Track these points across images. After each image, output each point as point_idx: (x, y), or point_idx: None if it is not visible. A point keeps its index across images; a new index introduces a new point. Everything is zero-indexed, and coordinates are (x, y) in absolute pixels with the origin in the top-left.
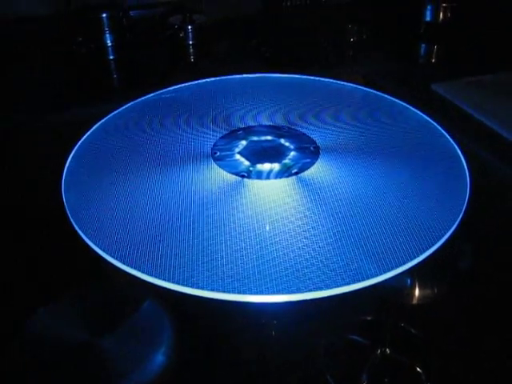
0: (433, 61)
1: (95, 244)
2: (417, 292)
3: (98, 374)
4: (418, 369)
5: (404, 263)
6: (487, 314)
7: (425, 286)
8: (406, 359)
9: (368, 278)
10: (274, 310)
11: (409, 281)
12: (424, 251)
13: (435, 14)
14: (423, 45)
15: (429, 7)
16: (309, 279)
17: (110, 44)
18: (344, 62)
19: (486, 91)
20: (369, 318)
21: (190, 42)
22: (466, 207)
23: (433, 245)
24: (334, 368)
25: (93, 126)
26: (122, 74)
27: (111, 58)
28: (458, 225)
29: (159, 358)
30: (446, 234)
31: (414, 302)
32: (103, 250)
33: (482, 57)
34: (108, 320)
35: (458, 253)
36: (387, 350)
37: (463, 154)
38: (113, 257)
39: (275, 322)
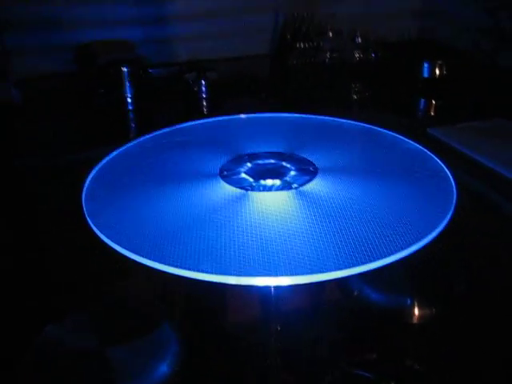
0: (431, 112)
1: (113, 241)
2: (416, 311)
3: (104, 380)
4: None
5: (385, 257)
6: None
7: (424, 306)
8: None
9: (357, 266)
10: (279, 296)
11: (409, 301)
12: (402, 250)
13: (432, 71)
14: (421, 98)
15: (426, 65)
16: (308, 265)
17: (129, 96)
18: (346, 113)
19: (476, 134)
20: (374, 356)
21: (203, 96)
22: (450, 220)
23: (411, 245)
24: None
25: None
26: (140, 121)
27: (130, 108)
28: (440, 233)
29: (163, 368)
30: (423, 239)
31: (415, 321)
32: (122, 247)
33: (473, 107)
34: (118, 332)
35: (453, 274)
36: (392, 383)
37: (452, 177)
38: (130, 251)
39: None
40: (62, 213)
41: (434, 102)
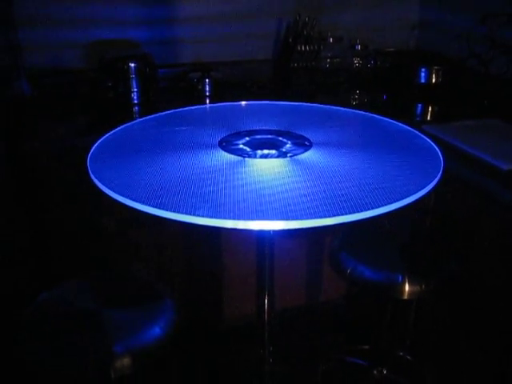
0: (426, 114)
1: (115, 192)
2: (407, 287)
3: (99, 337)
4: None
5: (368, 210)
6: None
7: (414, 282)
8: (402, 379)
9: (343, 215)
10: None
11: (400, 277)
12: (383, 206)
13: (428, 77)
14: (417, 102)
15: (422, 71)
16: (300, 213)
17: (135, 90)
18: None
19: (467, 130)
20: (366, 347)
21: (207, 94)
22: (435, 186)
23: (392, 203)
24: None
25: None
26: (144, 112)
27: (136, 101)
28: (422, 197)
29: (156, 330)
30: (403, 199)
31: (405, 297)
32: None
33: (466, 109)
34: (117, 296)
35: (444, 249)
36: (384, 370)
37: (442, 154)
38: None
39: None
40: (69, 175)
41: (429, 105)
